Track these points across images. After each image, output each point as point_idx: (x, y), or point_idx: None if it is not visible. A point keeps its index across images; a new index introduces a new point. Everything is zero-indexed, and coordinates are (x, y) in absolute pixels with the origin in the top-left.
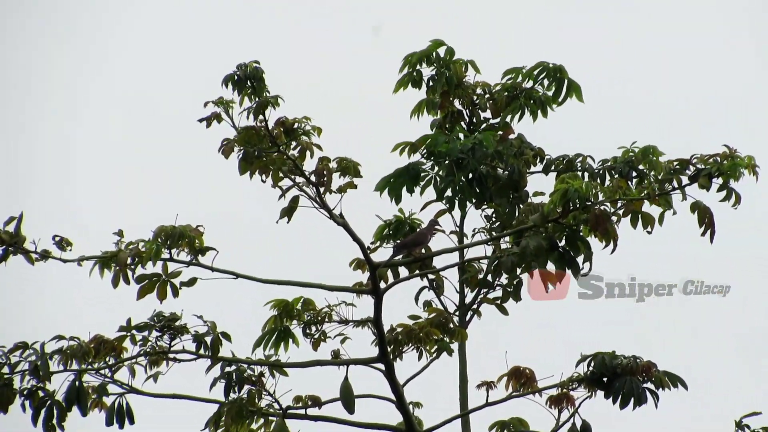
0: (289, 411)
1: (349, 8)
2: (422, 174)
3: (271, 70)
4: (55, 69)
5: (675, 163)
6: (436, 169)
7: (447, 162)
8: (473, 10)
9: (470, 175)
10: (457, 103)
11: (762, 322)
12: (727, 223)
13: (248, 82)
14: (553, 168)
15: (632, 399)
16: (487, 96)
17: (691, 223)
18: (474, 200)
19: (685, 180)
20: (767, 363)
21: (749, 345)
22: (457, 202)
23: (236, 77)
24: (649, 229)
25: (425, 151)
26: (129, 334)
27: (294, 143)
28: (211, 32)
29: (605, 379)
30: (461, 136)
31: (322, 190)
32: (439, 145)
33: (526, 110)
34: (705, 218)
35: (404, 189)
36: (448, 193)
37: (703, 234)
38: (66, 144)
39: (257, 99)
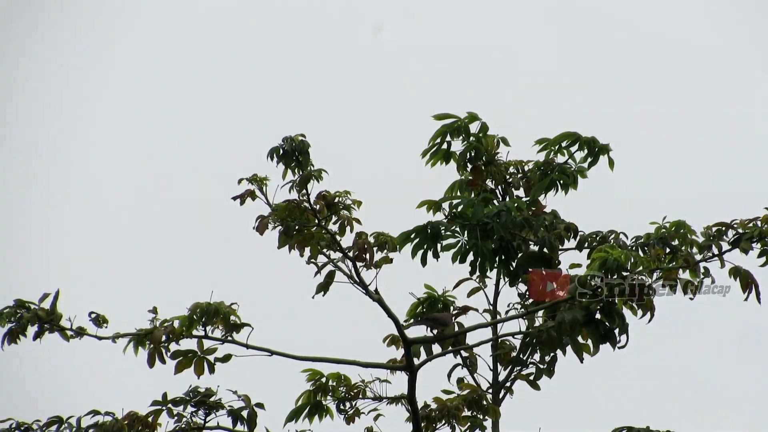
0: None
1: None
2: (444, 234)
3: (279, 76)
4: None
5: (714, 229)
6: (464, 234)
7: (471, 226)
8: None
9: (498, 244)
10: (489, 182)
11: (762, 322)
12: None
13: (294, 156)
14: (586, 245)
15: None
16: (520, 174)
17: (690, 222)
18: (498, 268)
19: (725, 246)
20: (767, 363)
21: (749, 345)
22: (478, 268)
23: (282, 150)
24: (690, 295)
25: (449, 212)
26: (164, 408)
27: (334, 217)
28: (208, 41)
29: None
30: (496, 203)
31: (359, 264)
32: (464, 207)
33: (558, 185)
34: (747, 282)
35: (430, 252)
36: (471, 257)
37: (747, 298)
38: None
39: (301, 172)
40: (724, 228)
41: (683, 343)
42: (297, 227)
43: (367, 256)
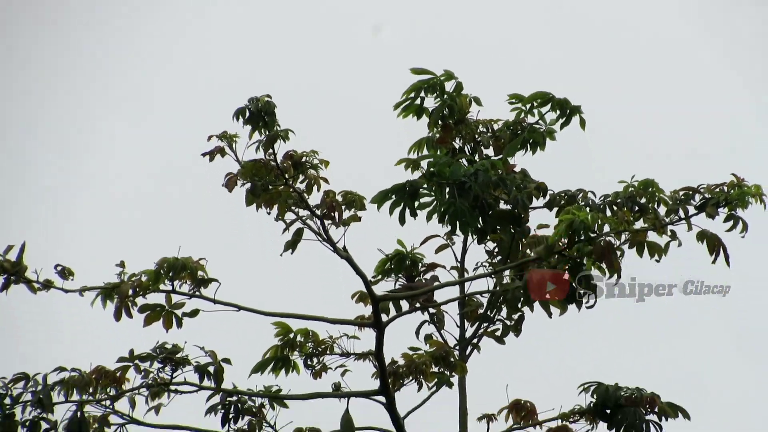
0: None
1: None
2: (422, 193)
3: (272, 76)
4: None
5: (681, 193)
6: (437, 192)
7: (449, 185)
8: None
9: (474, 203)
10: (458, 141)
11: (762, 322)
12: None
13: (260, 116)
14: (555, 203)
15: (640, 429)
16: (490, 134)
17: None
18: (476, 228)
19: (691, 210)
20: (767, 363)
21: (749, 345)
22: (458, 226)
23: (248, 111)
24: (656, 258)
25: (427, 170)
26: (132, 364)
27: (301, 176)
28: (207, 39)
29: (608, 411)
30: (464, 162)
31: (327, 223)
32: (441, 166)
33: (528, 145)
34: (714, 245)
35: (407, 211)
36: (447, 217)
37: (715, 261)
38: (69, 174)
39: (267, 132)
40: (690, 192)
41: (683, 343)
42: (264, 186)
43: (336, 214)
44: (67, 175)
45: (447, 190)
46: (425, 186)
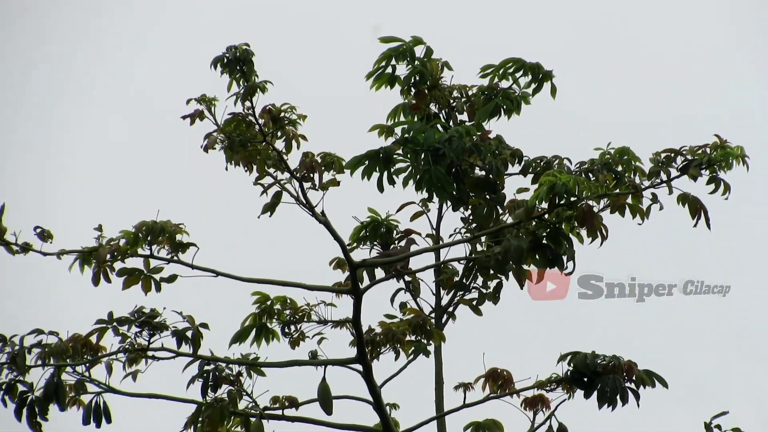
0: (266, 412)
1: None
2: (396, 159)
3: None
4: (41, 62)
5: (663, 155)
6: (411, 158)
7: (423, 152)
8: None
9: (449, 169)
10: (433, 106)
11: (762, 322)
12: (723, 222)
13: (238, 65)
14: (530, 170)
15: (616, 398)
16: (464, 99)
17: (690, 221)
18: (451, 194)
19: (674, 172)
20: (767, 363)
21: (749, 345)
22: (434, 192)
23: (225, 59)
24: (639, 220)
25: (401, 137)
26: (109, 327)
27: (280, 133)
28: (206, 30)
29: (585, 379)
30: (439, 128)
31: (306, 186)
32: (415, 132)
33: (501, 111)
34: (696, 208)
35: (384, 177)
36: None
37: (696, 224)
38: (50, 139)
39: (246, 84)
40: (672, 154)
41: (683, 343)
42: (242, 142)
43: (315, 175)
44: (48, 138)
45: (422, 156)
46: (399, 152)
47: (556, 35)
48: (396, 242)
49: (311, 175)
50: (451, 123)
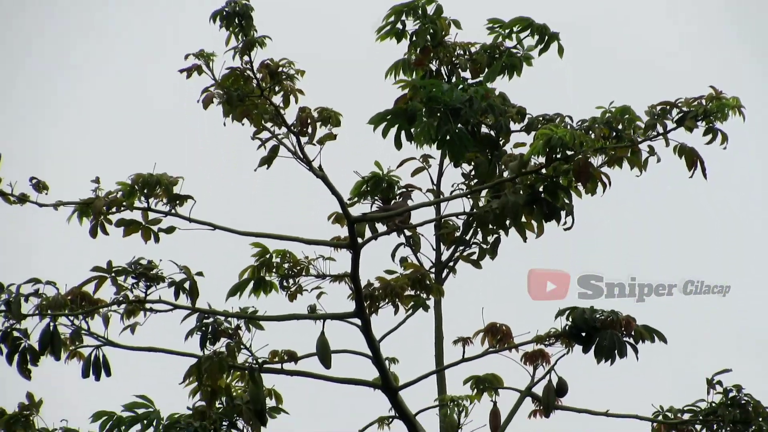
0: (265, 365)
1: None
2: (420, 116)
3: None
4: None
5: (659, 108)
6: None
7: (443, 111)
8: None
9: (465, 128)
10: (434, 64)
11: (762, 322)
12: (723, 222)
13: (236, 19)
14: (533, 127)
15: (614, 352)
16: (467, 56)
17: (690, 222)
18: (469, 151)
19: (670, 124)
20: (767, 363)
21: (749, 345)
22: (453, 151)
23: (224, 12)
24: (637, 172)
25: (424, 95)
26: (108, 276)
27: (277, 88)
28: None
29: (584, 334)
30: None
31: (303, 140)
32: (441, 92)
33: (505, 70)
34: (692, 159)
35: (402, 134)
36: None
37: (692, 175)
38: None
39: (244, 38)
40: (668, 107)
41: (683, 342)
42: (240, 97)
43: (311, 130)
44: (45, 89)
45: (441, 115)
46: (422, 111)
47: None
48: (397, 198)
49: (307, 129)
50: (453, 80)
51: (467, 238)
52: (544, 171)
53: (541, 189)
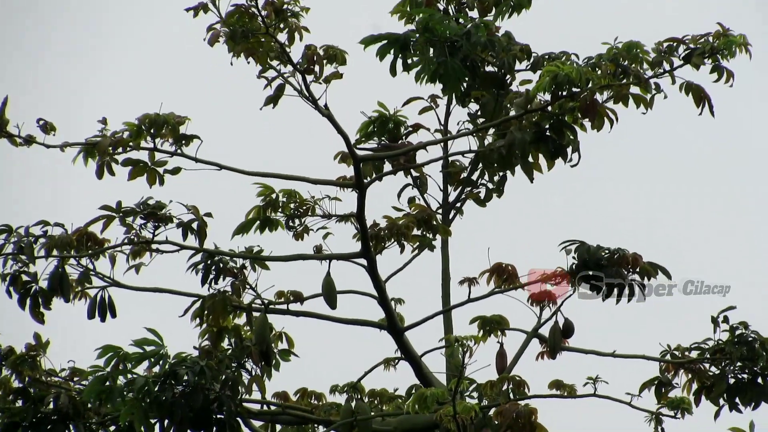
0: (271, 306)
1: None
2: (413, 47)
3: None
4: None
5: (665, 45)
6: (426, 49)
7: (439, 43)
8: None
9: (463, 62)
10: (442, 3)
11: (762, 322)
12: (723, 222)
13: None
14: (539, 66)
15: (622, 290)
16: None
17: (690, 221)
18: (462, 84)
19: (677, 61)
20: None
21: None
22: (448, 85)
23: None
24: (643, 110)
25: (420, 24)
26: (116, 216)
27: (282, 25)
28: None
29: (590, 272)
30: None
31: (309, 79)
32: (435, 22)
33: (511, 8)
34: (700, 96)
35: (398, 63)
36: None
37: (701, 112)
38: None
39: None
40: (675, 44)
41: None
42: (245, 33)
43: (317, 68)
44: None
45: (437, 47)
46: (416, 40)
47: None
48: (404, 137)
49: (313, 67)
50: (460, 21)
51: (474, 178)
52: (549, 109)
53: (547, 126)
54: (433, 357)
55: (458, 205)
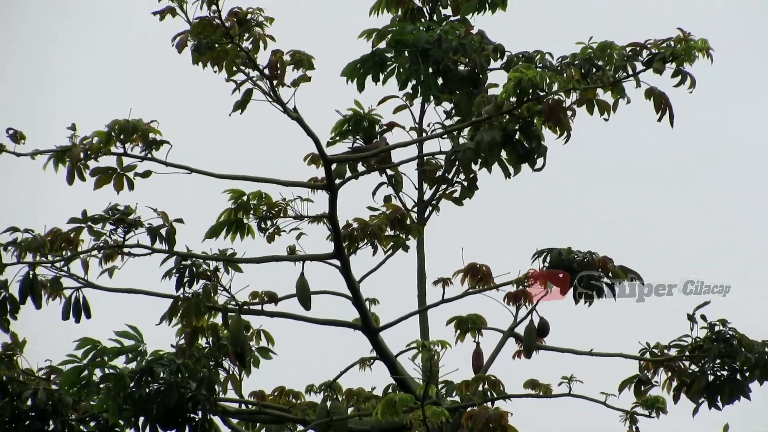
0: (245, 307)
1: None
2: (388, 63)
3: None
4: None
5: (628, 49)
6: (400, 59)
7: (411, 52)
8: None
9: (435, 68)
10: (417, 1)
11: (762, 322)
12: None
13: None
14: (512, 65)
15: (592, 293)
16: None
17: (690, 220)
18: (436, 93)
19: (639, 66)
20: None
21: None
22: (420, 92)
23: None
24: (605, 116)
25: (391, 39)
26: (85, 225)
27: (247, 35)
28: None
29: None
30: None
31: (275, 83)
32: (406, 34)
33: (487, 5)
34: (661, 103)
35: (369, 77)
36: (412, 83)
37: (660, 119)
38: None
39: None
40: (638, 48)
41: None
42: (209, 44)
43: (280, 72)
44: (23, 39)
45: (410, 56)
46: (390, 55)
47: None
48: (379, 136)
49: (278, 72)
50: (435, 18)
51: (449, 176)
52: (518, 111)
53: (516, 128)
54: (409, 356)
55: (434, 202)
